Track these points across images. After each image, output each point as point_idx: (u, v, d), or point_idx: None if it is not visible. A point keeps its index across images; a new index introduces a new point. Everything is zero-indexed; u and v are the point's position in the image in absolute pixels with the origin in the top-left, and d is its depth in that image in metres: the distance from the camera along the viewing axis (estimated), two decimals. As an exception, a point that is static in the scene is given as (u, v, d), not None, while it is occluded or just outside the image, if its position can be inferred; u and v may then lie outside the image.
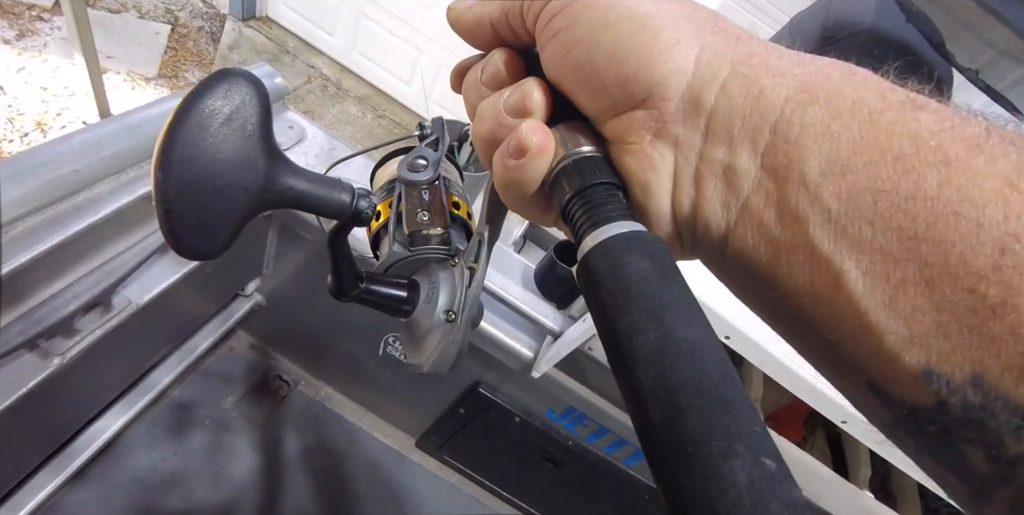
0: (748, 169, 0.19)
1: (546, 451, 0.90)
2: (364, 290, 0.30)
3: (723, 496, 0.13)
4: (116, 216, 0.59)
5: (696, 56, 0.20)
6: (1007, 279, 0.15)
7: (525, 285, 0.80)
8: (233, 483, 0.84)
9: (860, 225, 0.17)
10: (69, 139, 0.59)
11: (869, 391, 0.17)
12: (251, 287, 0.95)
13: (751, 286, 0.20)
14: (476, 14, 0.25)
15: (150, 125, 0.65)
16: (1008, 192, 0.15)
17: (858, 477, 0.75)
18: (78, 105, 1.86)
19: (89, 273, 0.59)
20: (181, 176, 0.19)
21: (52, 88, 1.88)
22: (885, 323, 0.16)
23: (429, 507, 0.96)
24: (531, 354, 0.77)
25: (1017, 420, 0.14)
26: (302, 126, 0.79)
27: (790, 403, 0.83)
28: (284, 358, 1.04)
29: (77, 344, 0.60)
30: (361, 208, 0.23)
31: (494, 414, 0.88)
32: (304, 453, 0.93)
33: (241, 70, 0.21)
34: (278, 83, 0.80)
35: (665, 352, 0.16)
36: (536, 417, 0.88)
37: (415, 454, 1.01)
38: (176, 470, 0.82)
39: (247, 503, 0.84)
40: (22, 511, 0.66)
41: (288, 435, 0.94)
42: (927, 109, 0.17)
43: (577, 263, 0.20)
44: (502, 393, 0.88)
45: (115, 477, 0.77)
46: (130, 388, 0.82)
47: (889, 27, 1.26)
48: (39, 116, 1.81)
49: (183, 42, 2.32)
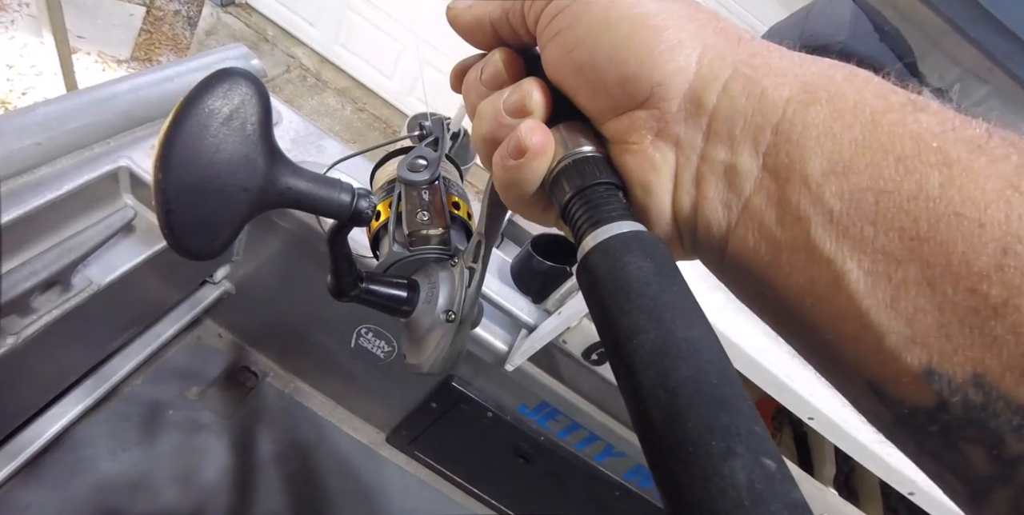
0: (750, 169, 0.19)
1: (518, 447, 0.90)
2: (364, 290, 0.30)
3: (723, 496, 0.13)
4: (79, 192, 0.57)
5: (698, 56, 0.20)
6: (1009, 279, 0.15)
7: (501, 279, 0.79)
8: (197, 477, 0.82)
9: (862, 225, 0.17)
10: (32, 111, 0.56)
11: (870, 391, 0.17)
12: (220, 274, 0.92)
13: (751, 286, 0.20)
14: (476, 14, 0.25)
15: (118, 100, 0.62)
16: (1010, 193, 0.15)
17: (823, 474, 0.76)
18: (45, 85, 1.80)
19: (48, 250, 0.57)
20: (181, 176, 0.19)
21: (18, 66, 1.81)
22: (886, 323, 0.16)
23: (398, 503, 0.95)
24: (505, 347, 0.76)
25: (1018, 420, 0.14)
26: (279, 110, 0.77)
27: (758, 400, 0.84)
28: (252, 349, 1.01)
29: (33, 323, 0.57)
30: (361, 208, 0.23)
31: (466, 408, 0.87)
32: (272, 447, 0.91)
33: (241, 70, 0.21)
34: (255, 65, 0.78)
35: (665, 352, 0.15)
36: (508, 412, 0.88)
37: (385, 449, 1.00)
38: (136, 462, 0.79)
39: (211, 498, 0.81)
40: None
41: (255, 428, 0.92)
42: (928, 110, 0.17)
43: (577, 263, 0.20)
44: (475, 387, 0.87)
45: (69, 469, 0.74)
46: (88, 375, 0.78)
47: (862, 43, 1.29)
48: (3, 95, 1.74)
49: (158, 25, 2.26)
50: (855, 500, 0.75)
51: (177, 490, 0.80)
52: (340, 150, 0.79)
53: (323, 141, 0.78)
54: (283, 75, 2.41)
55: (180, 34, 2.30)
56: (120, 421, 0.82)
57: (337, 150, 0.77)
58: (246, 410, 0.93)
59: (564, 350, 0.75)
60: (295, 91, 2.41)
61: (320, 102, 2.43)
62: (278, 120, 0.76)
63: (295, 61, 2.46)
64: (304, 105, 2.38)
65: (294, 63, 2.46)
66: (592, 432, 0.87)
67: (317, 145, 0.77)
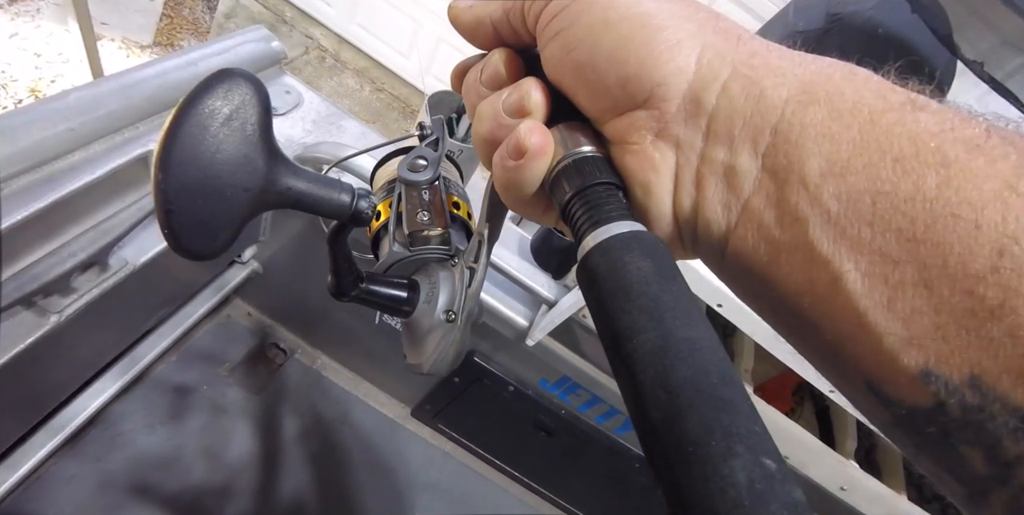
0: (749, 170, 0.19)
1: (539, 420, 0.91)
2: (364, 290, 0.30)
3: (723, 496, 0.13)
4: (111, 176, 0.59)
5: (697, 56, 0.20)
6: (1005, 281, 0.15)
7: (522, 255, 0.80)
8: (228, 450, 0.85)
9: (859, 226, 0.17)
10: (64, 97, 0.58)
11: (868, 391, 0.17)
12: (248, 254, 0.95)
13: (751, 286, 0.20)
14: (476, 13, 0.25)
15: (145, 85, 0.64)
16: (1007, 194, 0.15)
17: (845, 448, 0.76)
18: (72, 72, 1.83)
19: (85, 232, 0.59)
20: (181, 176, 0.19)
21: (46, 54, 1.84)
22: (884, 324, 0.16)
23: (422, 475, 0.97)
24: (526, 323, 0.77)
25: (1015, 421, 0.14)
26: (299, 91, 0.78)
27: (779, 374, 0.84)
28: (281, 327, 1.04)
29: (74, 303, 0.60)
30: (361, 208, 0.23)
31: (488, 383, 0.89)
32: (300, 421, 0.94)
33: (241, 70, 0.20)
34: (275, 47, 0.78)
35: (665, 352, 0.15)
36: (529, 386, 0.89)
37: (410, 423, 1.03)
38: (171, 436, 0.83)
39: (242, 469, 0.85)
40: (11, 479, 0.66)
41: (284, 403, 0.95)
42: (928, 110, 0.17)
43: (577, 263, 0.20)
44: (496, 362, 0.89)
45: (108, 443, 0.77)
46: (124, 353, 0.82)
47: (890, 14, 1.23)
48: (33, 83, 1.78)
49: (178, 10, 2.27)
50: (877, 474, 0.75)
51: (210, 462, 0.84)
52: (360, 130, 0.80)
53: (343, 121, 0.79)
54: (302, 57, 2.42)
55: (200, 18, 2.31)
56: (155, 397, 0.86)
57: (357, 130, 0.78)
58: (275, 386, 0.96)
59: (584, 325, 0.75)
60: (314, 72, 2.41)
61: (339, 83, 2.43)
62: (299, 102, 0.77)
63: (313, 42, 2.46)
64: (323, 86, 2.39)
65: (312, 44, 2.46)
66: (612, 406, 0.88)
67: (338, 125, 0.78)
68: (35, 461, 0.69)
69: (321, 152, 0.70)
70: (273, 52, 0.75)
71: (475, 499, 0.99)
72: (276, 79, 0.78)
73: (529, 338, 0.77)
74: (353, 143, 0.75)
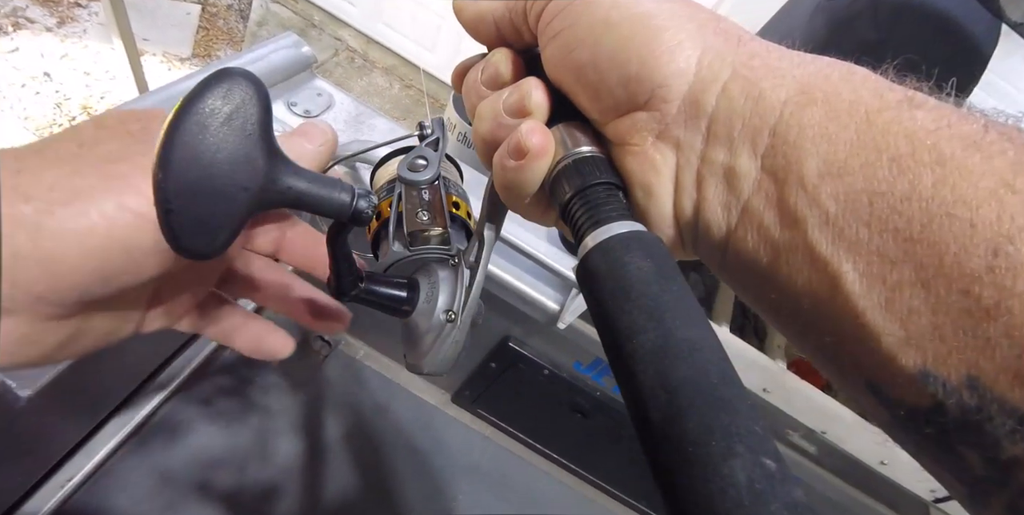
0: (748, 171, 0.19)
1: (574, 402, 0.92)
2: (364, 290, 0.29)
3: (723, 496, 0.13)
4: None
5: (698, 58, 0.20)
6: (1000, 281, 0.14)
7: (550, 240, 0.81)
8: (279, 440, 0.90)
9: (857, 227, 0.17)
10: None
11: (868, 392, 0.17)
12: (289, 252, 0.99)
13: (752, 287, 0.20)
14: (479, 10, 0.25)
15: (184, 96, 0.68)
16: (1003, 192, 0.15)
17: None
18: (119, 88, 1.92)
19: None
20: (181, 176, 0.18)
21: (94, 72, 1.94)
22: (882, 324, 0.16)
23: (464, 459, 1.00)
24: (556, 307, 0.78)
25: (1012, 423, 0.14)
26: (330, 93, 0.81)
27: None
28: (324, 320, 1.08)
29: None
30: (360, 209, 0.22)
31: (523, 367, 0.91)
32: (345, 409, 0.98)
33: (241, 70, 0.20)
34: (305, 52, 0.81)
35: (665, 352, 0.15)
36: (564, 369, 0.90)
37: (450, 408, 1.05)
38: (221, 429, 0.87)
39: (291, 458, 0.89)
40: (78, 475, 0.72)
41: (329, 394, 0.99)
42: (925, 107, 0.17)
43: (577, 263, 0.20)
44: (530, 346, 0.90)
45: (166, 439, 0.83)
46: (179, 352, 0.86)
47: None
48: (84, 100, 1.88)
49: (213, 21, 2.35)
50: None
51: (258, 449, 0.88)
52: (389, 127, 0.82)
53: (374, 120, 0.81)
54: (332, 59, 2.47)
55: (234, 27, 2.39)
56: (209, 392, 0.91)
57: (386, 127, 0.80)
58: (320, 377, 1.00)
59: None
60: (344, 74, 2.47)
61: (369, 82, 2.48)
62: (331, 103, 0.80)
63: (342, 43, 2.51)
64: (354, 87, 2.44)
65: (341, 46, 2.51)
66: (647, 388, 0.88)
67: (369, 124, 0.81)
68: (100, 457, 0.74)
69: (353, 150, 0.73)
70: (304, 57, 0.78)
71: (515, 481, 1.01)
72: (308, 83, 0.81)
73: (560, 321, 0.78)
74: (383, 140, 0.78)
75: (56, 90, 1.85)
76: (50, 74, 1.88)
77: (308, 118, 0.76)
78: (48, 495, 0.68)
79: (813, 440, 0.69)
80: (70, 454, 0.72)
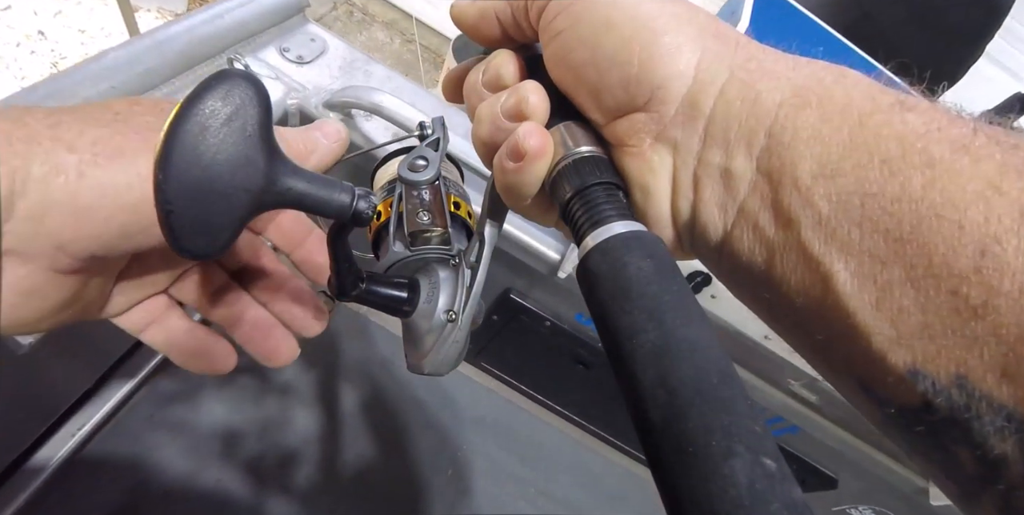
0: (744, 172, 0.19)
1: (576, 354, 0.93)
2: (365, 290, 0.29)
3: (723, 496, 0.13)
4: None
5: (697, 60, 0.20)
6: (987, 281, 0.15)
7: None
8: (287, 392, 0.92)
9: (848, 227, 0.17)
10: (103, 57, 0.60)
11: (859, 390, 0.18)
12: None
13: (748, 286, 0.21)
14: (481, 9, 0.25)
15: (176, 41, 0.65)
16: (990, 194, 0.15)
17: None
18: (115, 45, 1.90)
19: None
20: (181, 177, 0.18)
21: (89, 30, 1.89)
22: (872, 324, 0.16)
23: (468, 411, 1.02)
24: (557, 256, 0.78)
25: (1000, 420, 0.14)
26: (324, 39, 0.78)
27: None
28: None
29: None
30: (361, 209, 0.23)
31: (526, 319, 0.91)
32: (350, 364, 1.00)
33: (241, 71, 0.20)
34: (302, 2, 0.79)
35: (665, 352, 0.15)
36: (566, 321, 0.90)
37: (455, 363, 1.07)
38: (224, 385, 0.89)
39: (298, 410, 0.91)
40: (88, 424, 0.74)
41: (335, 348, 1.00)
42: (916, 110, 0.17)
43: (577, 263, 0.20)
44: (532, 298, 0.90)
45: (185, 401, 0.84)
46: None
47: None
48: (80, 58, 1.86)
49: (207, -25, 2.29)
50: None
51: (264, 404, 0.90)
52: (386, 74, 0.80)
53: (370, 67, 0.79)
54: (331, 13, 2.40)
55: (228, -19, 2.32)
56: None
57: (383, 74, 0.78)
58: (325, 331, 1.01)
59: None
60: (343, 28, 2.39)
61: (369, 37, 2.41)
62: (324, 49, 0.77)
63: (339, -4, 2.44)
64: (354, 41, 2.37)
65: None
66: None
67: (364, 71, 0.78)
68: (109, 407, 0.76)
69: (348, 96, 0.71)
70: (296, 0, 0.75)
71: (520, 432, 1.03)
72: (300, 28, 0.78)
73: (561, 270, 0.78)
74: (379, 86, 0.75)
75: (51, 49, 1.81)
76: (44, 32, 1.84)
77: (301, 64, 0.74)
78: (58, 445, 0.69)
79: (815, 389, 0.69)
80: (79, 404, 0.73)
